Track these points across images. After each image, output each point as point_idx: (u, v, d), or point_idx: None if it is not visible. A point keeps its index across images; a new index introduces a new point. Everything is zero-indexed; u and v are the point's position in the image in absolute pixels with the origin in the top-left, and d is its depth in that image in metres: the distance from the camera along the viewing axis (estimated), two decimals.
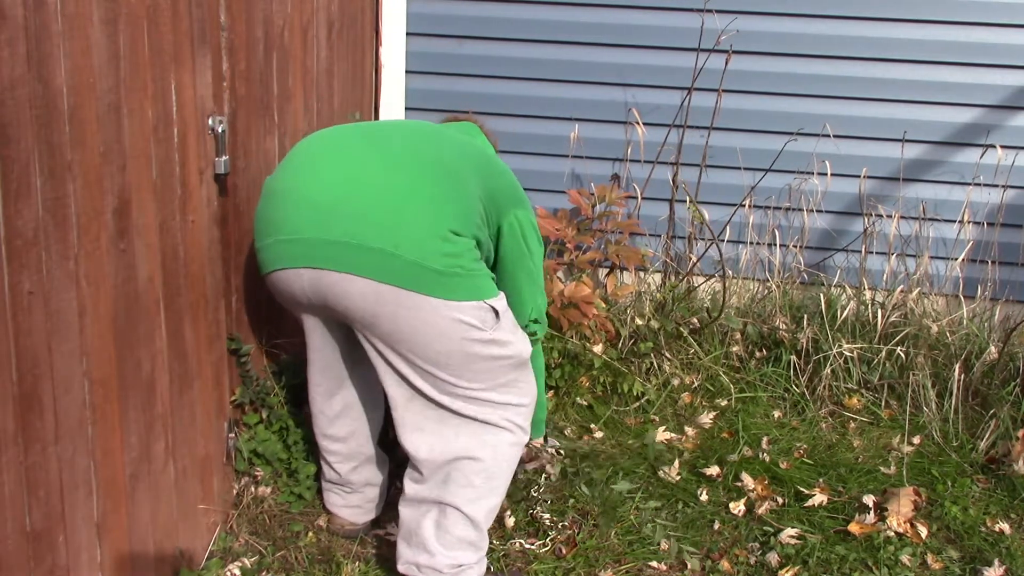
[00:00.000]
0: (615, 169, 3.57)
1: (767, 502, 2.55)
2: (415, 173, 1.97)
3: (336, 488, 2.38)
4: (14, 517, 1.45)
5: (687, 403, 3.09)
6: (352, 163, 1.98)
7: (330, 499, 2.41)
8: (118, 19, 1.64)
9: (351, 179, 1.95)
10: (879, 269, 3.45)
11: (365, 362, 2.17)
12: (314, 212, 1.94)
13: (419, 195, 1.94)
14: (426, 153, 2.03)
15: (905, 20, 3.33)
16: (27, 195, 1.41)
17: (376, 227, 1.91)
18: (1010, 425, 2.85)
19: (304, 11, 2.63)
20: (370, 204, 1.92)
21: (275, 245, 2.00)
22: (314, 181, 1.97)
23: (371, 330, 1.98)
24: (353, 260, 1.92)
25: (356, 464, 2.33)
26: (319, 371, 2.22)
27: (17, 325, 1.42)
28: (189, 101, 1.94)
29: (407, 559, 2.09)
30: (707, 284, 3.44)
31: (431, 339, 1.95)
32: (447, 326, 1.94)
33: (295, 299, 2.06)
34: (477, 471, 2.05)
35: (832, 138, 3.41)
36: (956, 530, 2.49)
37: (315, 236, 1.94)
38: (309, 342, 2.19)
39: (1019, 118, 3.37)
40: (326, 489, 2.41)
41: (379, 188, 1.94)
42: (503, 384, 2.06)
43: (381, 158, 1.99)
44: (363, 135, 2.07)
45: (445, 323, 1.94)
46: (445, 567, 2.05)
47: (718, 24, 3.34)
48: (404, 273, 1.90)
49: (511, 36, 3.49)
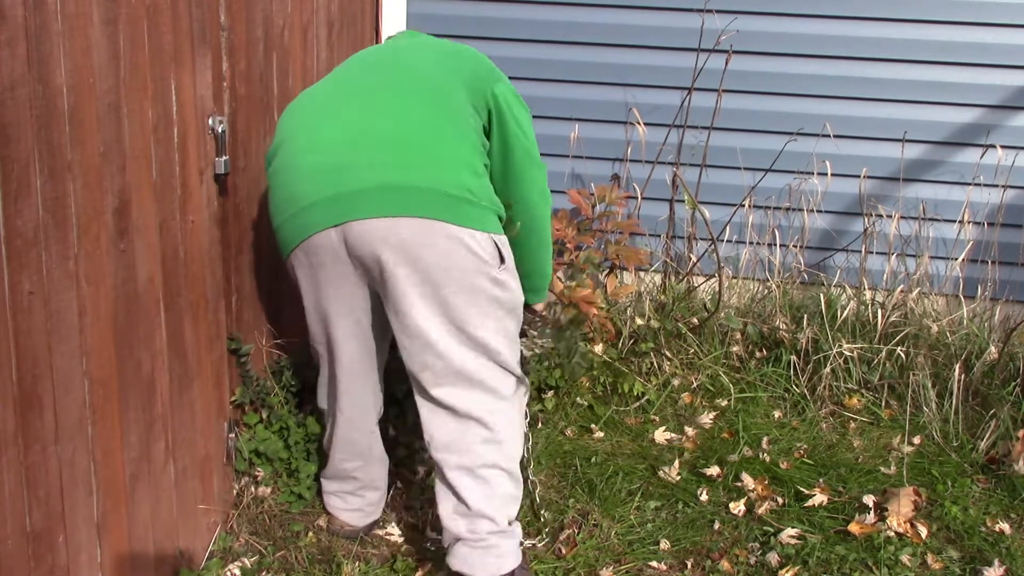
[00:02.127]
0: (615, 169, 3.57)
1: (767, 502, 2.55)
2: (420, 110, 2.01)
3: (339, 492, 2.38)
4: (14, 517, 1.45)
5: (687, 403, 3.09)
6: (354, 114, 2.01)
7: (331, 502, 2.40)
8: (118, 19, 1.64)
9: (360, 130, 1.98)
10: (879, 269, 3.45)
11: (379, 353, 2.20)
12: (327, 170, 1.96)
13: (432, 130, 1.99)
14: (417, 85, 2.06)
15: (905, 20, 3.33)
16: (27, 195, 1.41)
17: (399, 165, 1.94)
18: (1010, 425, 2.85)
19: (304, 11, 2.63)
20: (385, 146, 1.96)
21: (297, 215, 1.99)
22: (320, 142, 1.99)
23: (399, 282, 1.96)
24: (381, 202, 1.93)
25: (363, 463, 2.34)
26: (345, 368, 2.19)
27: (17, 325, 1.42)
28: (189, 101, 1.94)
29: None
30: (707, 284, 3.44)
31: (458, 272, 1.96)
32: (467, 257, 1.96)
33: (324, 268, 2.03)
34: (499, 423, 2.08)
35: (832, 138, 3.41)
36: (956, 530, 2.49)
37: (337, 191, 1.95)
38: (335, 336, 2.15)
39: (1019, 118, 3.37)
40: (327, 492, 2.41)
41: (391, 131, 1.98)
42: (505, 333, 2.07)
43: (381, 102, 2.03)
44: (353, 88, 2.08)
45: (465, 253, 1.96)
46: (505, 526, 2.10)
47: (718, 24, 3.34)
48: (432, 203, 1.93)
49: (511, 36, 3.49)
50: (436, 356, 2.01)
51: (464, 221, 1.95)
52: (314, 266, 2.04)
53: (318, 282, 2.07)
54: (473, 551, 2.07)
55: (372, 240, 1.94)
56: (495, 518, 2.07)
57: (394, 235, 1.93)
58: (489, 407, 2.07)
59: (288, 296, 2.67)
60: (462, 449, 2.07)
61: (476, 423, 2.06)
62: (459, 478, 2.07)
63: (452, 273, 1.95)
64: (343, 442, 2.30)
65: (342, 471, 2.36)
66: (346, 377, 2.21)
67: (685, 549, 2.39)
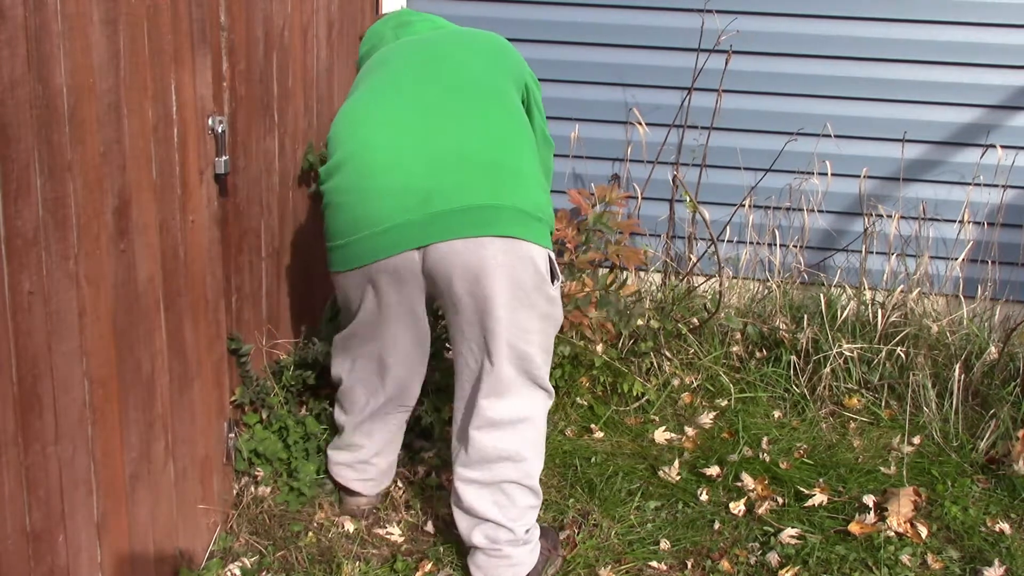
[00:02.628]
0: (615, 169, 3.57)
1: (767, 502, 2.55)
2: (492, 121, 2.07)
3: (351, 463, 2.42)
4: (14, 517, 1.45)
5: (687, 403, 3.09)
6: (428, 130, 2.04)
7: (342, 473, 2.44)
8: (118, 19, 1.64)
9: (439, 148, 2.01)
10: (879, 269, 3.45)
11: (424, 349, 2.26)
12: (412, 193, 1.98)
13: (508, 145, 2.08)
14: (479, 91, 2.12)
15: (905, 20, 3.33)
16: (27, 195, 1.41)
17: (483, 185, 1.99)
18: (1010, 425, 2.85)
19: (304, 11, 2.63)
20: (468, 166, 2.00)
21: (375, 236, 2.01)
22: (398, 162, 2.01)
23: (473, 299, 2.00)
24: (465, 222, 1.97)
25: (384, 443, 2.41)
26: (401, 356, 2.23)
27: (17, 325, 1.42)
28: (189, 101, 1.94)
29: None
30: (707, 284, 3.44)
31: (523, 290, 2.02)
32: (533, 275, 2.02)
33: (395, 283, 2.06)
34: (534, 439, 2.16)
35: (832, 138, 3.41)
36: (956, 530, 2.49)
37: (423, 214, 1.98)
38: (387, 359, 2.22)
39: (1019, 118, 3.37)
40: (338, 463, 2.44)
41: (471, 149, 2.02)
42: (546, 350, 2.13)
43: (452, 114, 2.06)
44: (415, 98, 2.10)
45: (532, 271, 2.02)
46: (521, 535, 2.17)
47: (718, 24, 3.34)
48: (513, 222, 1.99)
49: (511, 36, 3.46)
50: (488, 372, 2.07)
51: (535, 238, 2.03)
52: (384, 283, 2.07)
53: (384, 295, 2.10)
54: (490, 559, 2.15)
55: (453, 259, 1.98)
56: (514, 529, 2.14)
57: (475, 254, 1.97)
58: (518, 424, 2.12)
59: (288, 296, 2.67)
60: (486, 463, 2.12)
61: (505, 439, 2.11)
62: (478, 491, 2.14)
63: (518, 291, 2.01)
64: (370, 430, 2.36)
65: (357, 445, 2.39)
66: (392, 387, 2.29)
67: (685, 549, 2.39)
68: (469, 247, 1.97)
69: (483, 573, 2.17)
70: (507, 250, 1.99)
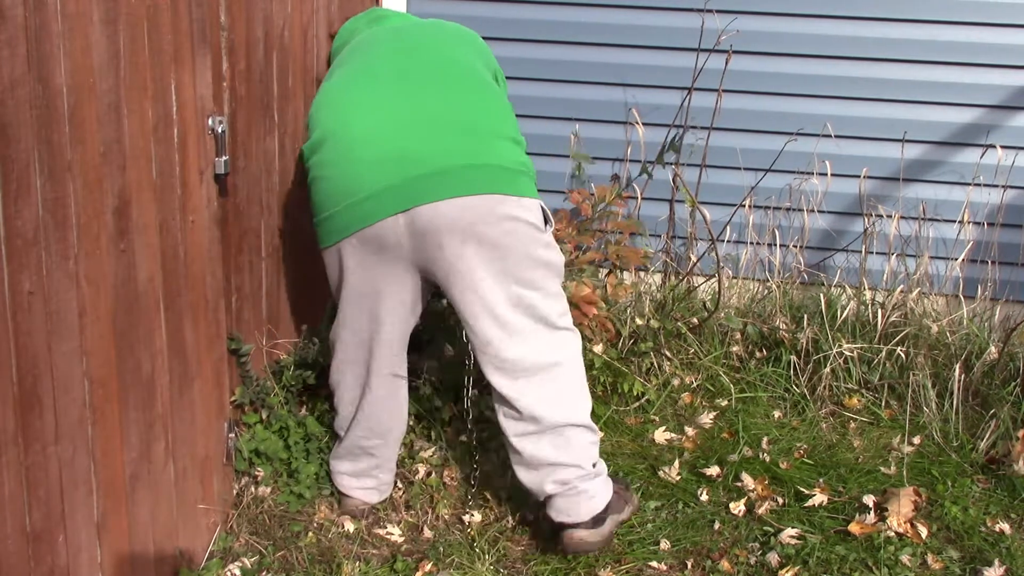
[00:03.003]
0: (615, 169, 3.57)
1: (767, 502, 2.55)
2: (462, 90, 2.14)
3: (352, 472, 2.43)
4: (14, 517, 1.45)
5: (687, 403, 3.09)
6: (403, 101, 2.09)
7: (343, 482, 2.44)
8: (118, 19, 1.64)
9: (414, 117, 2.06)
10: (879, 269, 3.45)
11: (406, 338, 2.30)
12: (389, 159, 2.03)
13: (480, 108, 2.13)
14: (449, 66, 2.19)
15: (905, 20, 3.33)
16: (27, 195, 1.41)
17: (460, 145, 2.05)
18: (1010, 425, 2.85)
19: (304, 11, 2.63)
20: (443, 129, 2.06)
21: (357, 204, 2.04)
22: (376, 132, 2.06)
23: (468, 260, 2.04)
24: (447, 183, 2.01)
25: (382, 442, 2.40)
26: (384, 343, 2.25)
27: (17, 325, 1.42)
28: (189, 101, 1.94)
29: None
30: (707, 284, 3.44)
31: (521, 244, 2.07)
32: (526, 228, 2.08)
33: (381, 252, 2.08)
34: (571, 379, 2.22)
35: (833, 138, 3.40)
36: (956, 530, 2.49)
37: (403, 178, 2.02)
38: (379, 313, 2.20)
39: (1019, 118, 3.37)
40: (339, 472, 2.44)
41: (444, 114, 2.08)
42: (554, 295, 2.18)
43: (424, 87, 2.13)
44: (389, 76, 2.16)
45: (525, 224, 2.08)
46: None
47: (718, 24, 3.34)
48: (495, 179, 2.05)
49: (511, 36, 3.48)
50: (500, 327, 2.11)
51: (522, 191, 2.08)
52: (369, 252, 2.09)
53: (369, 265, 2.12)
54: (567, 499, 2.20)
55: (439, 223, 2.01)
56: (581, 464, 2.21)
57: (462, 214, 2.01)
58: (552, 369, 2.17)
59: (288, 296, 2.67)
60: (531, 414, 2.17)
61: (545, 386, 2.17)
62: (536, 441, 2.19)
63: (516, 246, 2.07)
64: (368, 420, 2.35)
65: (359, 449, 2.39)
66: (383, 353, 2.26)
67: (685, 549, 2.39)
68: (455, 208, 2.00)
69: (564, 514, 2.20)
70: (494, 206, 2.03)
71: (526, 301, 2.11)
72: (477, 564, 2.28)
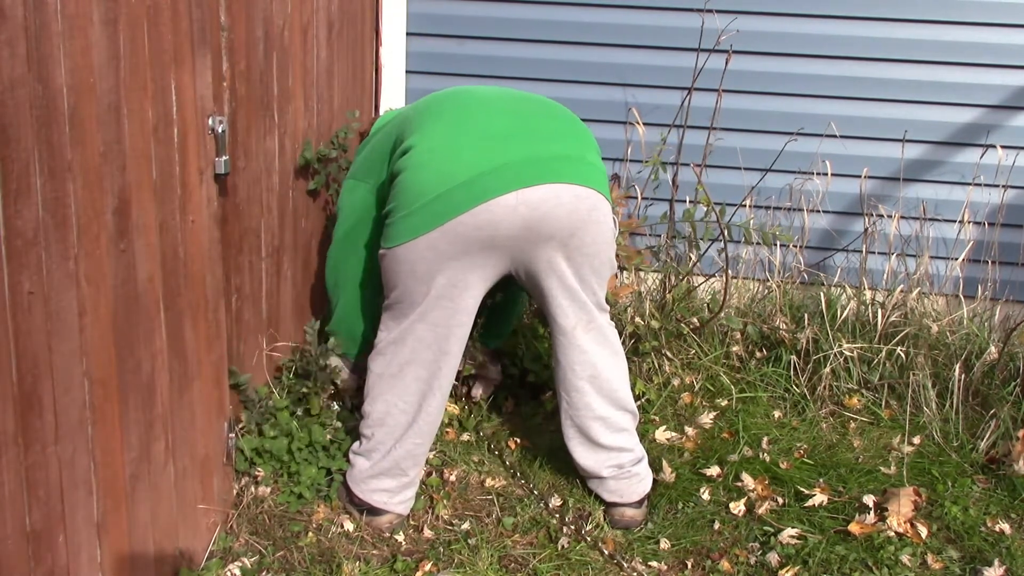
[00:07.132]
0: (615, 169, 3.57)
1: (767, 502, 2.55)
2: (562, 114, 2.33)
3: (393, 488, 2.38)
4: (14, 517, 1.45)
5: (687, 403, 3.09)
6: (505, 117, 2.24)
7: (381, 499, 2.38)
8: (118, 19, 1.64)
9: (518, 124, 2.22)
10: (879, 269, 3.45)
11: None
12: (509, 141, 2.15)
13: (577, 123, 2.33)
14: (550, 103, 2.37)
15: (905, 20, 3.33)
16: (27, 195, 1.41)
17: (570, 140, 2.23)
18: (1010, 425, 2.85)
19: (304, 11, 2.63)
20: (550, 128, 2.24)
21: (464, 186, 2.08)
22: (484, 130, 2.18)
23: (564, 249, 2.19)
24: (573, 170, 2.17)
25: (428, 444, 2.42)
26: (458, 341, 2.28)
27: (17, 325, 1.42)
28: (189, 101, 1.94)
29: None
30: (707, 284, 3.44)
31: (606, 244, 2.27)
32: (610, 230, 2.28)
33: (471, 244, 2.12)
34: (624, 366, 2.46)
35: (834, 138, 3.40)
36: (956, 530, 2.49)
37: (527, 155, 2.14)
38: (462, 305, 2.22)
39: (1019, 118, 3.37)
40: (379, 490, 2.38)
41: (548, 123, 2.26)
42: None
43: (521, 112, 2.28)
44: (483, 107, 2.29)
45: (610, 227, 2.28)
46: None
47: (718, 24, 3.34)
48: (599, 177, 2.24)
49: (511, 36, 3.49)
50: (585, 315, 2.31)
51: (608, 196, 2.26)
52: (458, 243, 2.12)
53: (455, 257, 2.14)
54: (620, 482, 2.45)
55: (554, 209, 2.12)
56: (633, 448, 2.47)
57: (575, 205, 2.15)
58: (615, 356, 2.42)
59: (288, 296, 2.67)
60: (598, 401, 2.38)
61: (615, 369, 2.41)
62: (595, 426, 2.40)
63: (605, 244, 2.25)
64: (429, 424, 2.35)
65: (411, 459, 2.36)
66: (456, 350, 2.30)
67: (685, 549, 2.39)
68: (569, 196, 2.13)
69: (617, 495, 2.45)
70: (598, 205, 2.20)
71: (598, 295, 2.32)
72: (478, 563, 2.28)
